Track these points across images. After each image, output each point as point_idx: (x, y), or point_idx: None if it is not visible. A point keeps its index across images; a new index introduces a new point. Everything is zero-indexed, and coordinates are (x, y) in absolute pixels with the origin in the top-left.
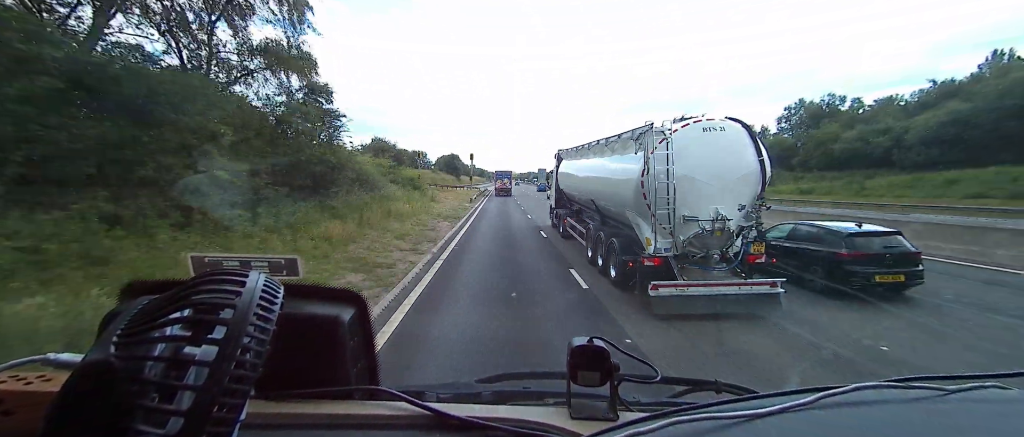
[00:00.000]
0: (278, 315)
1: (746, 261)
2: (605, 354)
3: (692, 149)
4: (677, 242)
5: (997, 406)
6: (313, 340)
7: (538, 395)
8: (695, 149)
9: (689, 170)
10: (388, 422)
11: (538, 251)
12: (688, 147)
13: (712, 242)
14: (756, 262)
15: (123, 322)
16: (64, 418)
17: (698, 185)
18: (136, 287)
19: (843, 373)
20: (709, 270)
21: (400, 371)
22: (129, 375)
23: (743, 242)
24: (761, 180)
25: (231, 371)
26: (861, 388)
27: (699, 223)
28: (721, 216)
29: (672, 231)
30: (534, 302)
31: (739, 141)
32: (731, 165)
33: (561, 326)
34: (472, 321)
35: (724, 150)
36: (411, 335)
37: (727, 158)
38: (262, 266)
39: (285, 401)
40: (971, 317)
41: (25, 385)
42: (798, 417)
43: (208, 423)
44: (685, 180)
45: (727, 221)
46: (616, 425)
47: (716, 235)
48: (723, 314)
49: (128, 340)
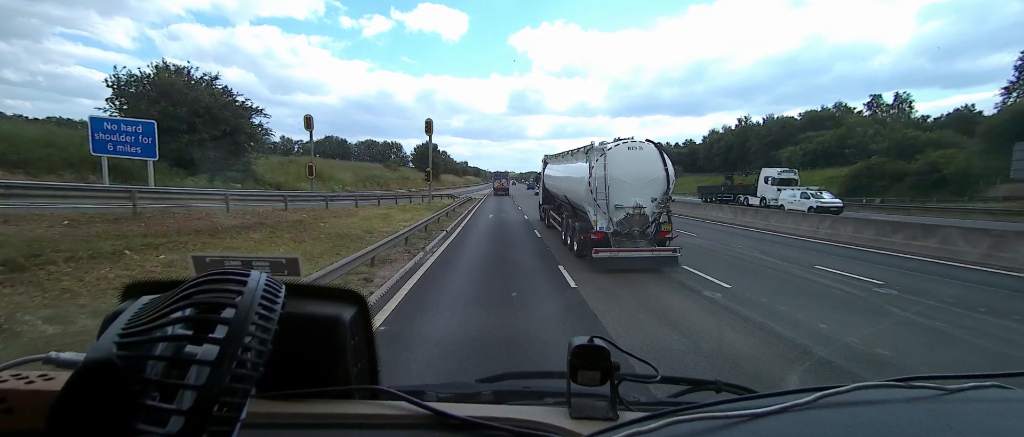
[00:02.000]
0: (279, 314)
1: (658, 235)
2: (605, 354)
3: (620, 161)
4: (612, 222)
5: (997, 406)
6: (314, 340)
7: (538, 395)
8: (623, 161)
9: (619, 174)
10: (388, 422)
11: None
12: (618, 159)
13: (635, 223)
14: (665, 236)
15: (125, 321)
16: (66, 417)
17: (625, 185)
18: (138, 287)
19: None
20: (634, 241)
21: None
22: (131, 374)
23: (656, 223)
24: (666, 182)
25: (232, 370)
26: (861, 388)
27: (626, 210)
28: (639, 205)
29: (609, 215)
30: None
31: (653, 155)
32: (646, 172)
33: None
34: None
35: (642, 162)
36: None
37: (644, 167)
38: (263, 266)
39: (285, 401)
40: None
41: (27, 384)
42: (798, 417)
43: (209, 422)
44: (616, 181)
45: (643, 209)
46: (616, 425)
47: (637, 218)
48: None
49: (130, 339)
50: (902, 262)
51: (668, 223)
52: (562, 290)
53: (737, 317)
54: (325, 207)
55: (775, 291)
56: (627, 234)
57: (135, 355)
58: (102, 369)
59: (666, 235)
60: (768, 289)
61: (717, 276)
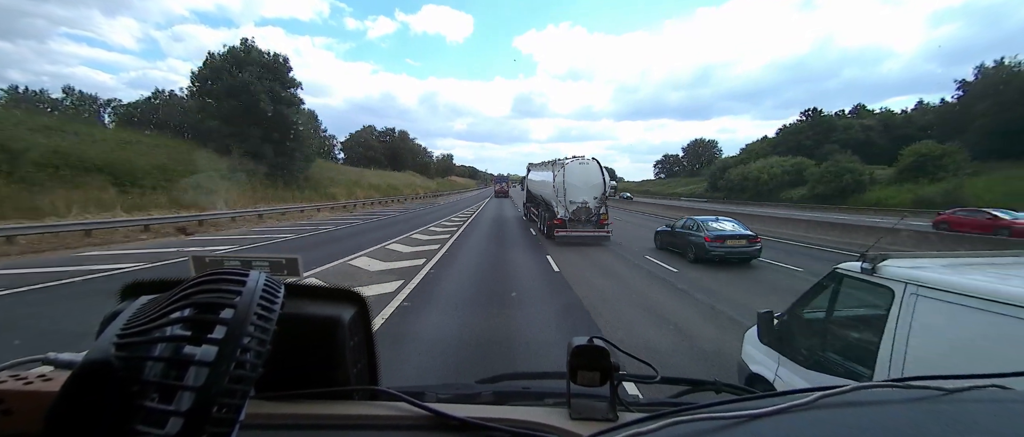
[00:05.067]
0: (278, 315)
1: (599, 222)
2: (605, 354)
3: (573, 172)
4: (568, 212)
5: (997, 406)
6: (313, 340)
7: (538, 395)
8: (575, 172)
9: (572, 181)
10: (388, 422)
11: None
12: (572, 171)
13: (583, 213)
14: (604, 223)
15: (123, 322)
16: (64, 418)
17: (576, 188)
18: (136, 287)
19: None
20: (583, 225)
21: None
22: (129, 375)
23: (597, 213)
24: (603, 187)
25: (231, 371)
26: (861, 388)
27: (576, 204)
28: (585, 202)
29: (566, 208)
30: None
31: (595, 169)
32: (591, 180)
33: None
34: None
35: (588, 172)
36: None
37: (589, 177)
38: (263, 265)
39: (285, 401)
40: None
41: (25, 385)
42: (798, 417)
43: (208, 423)
44: (570, 185)
45: (588, 204)
46: (616, 425)
47: (584, 210)
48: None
49: (128, 340)
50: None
51: (606, 214)
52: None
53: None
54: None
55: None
56: (577, 220)
57: (133, 356)
58: (100, 370)
59: (604, 222)
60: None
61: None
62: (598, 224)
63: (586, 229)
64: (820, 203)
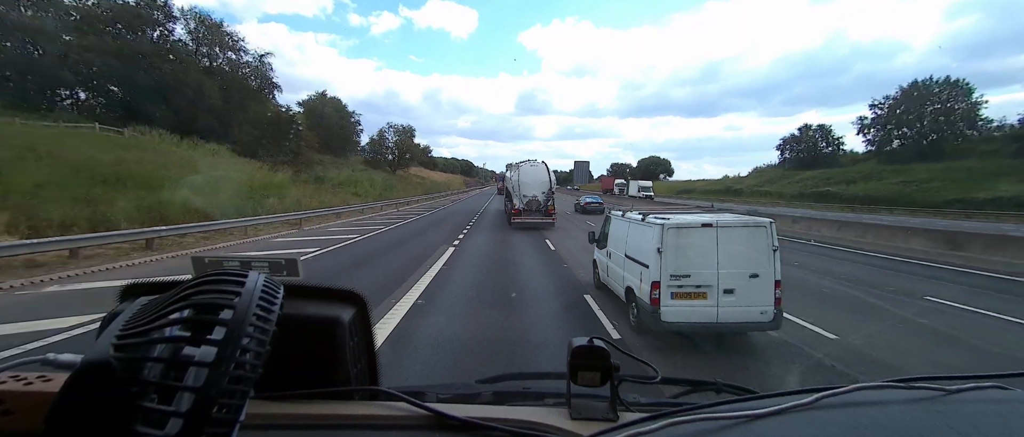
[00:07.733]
0: (278, 315)
1: (547, 212)
2: (605, 354)
3: (525, 171)
4: (522, 204)
5: (997, 406)
6: (313, 340)
7: (538, 395)
8: (527, 172)
9: (525, 179)
10: (388, 423)
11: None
12: (525, 170)
13: (533, 204)
14: (551, 213)
15: (123, 322)
16: (64, 418)
17: (528, 184)
18: (136, 287)
19: None
20: (533, 213)
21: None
22: (129, 376)
23: (545, 205)
24: (549, 184)
25: (230, 372)
26: (861, 388)
27: (528, 197)
28: (535, 195)
29: (520, 199)
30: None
31: (543, 169)
32: (539, 178)
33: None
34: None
35: (537, 172)
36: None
37: (538, 176)
38: (262, 266)
39: (285, 401)
40: None
41: (25, 385)
42: (798, 417)
43: (207, 424)
44: (523, 182)
45: (537, 197)
46: (616, 425)
47: (535, 201)
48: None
49: (128, 341)
50: None
51: (552, 205)
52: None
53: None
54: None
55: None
56: (529, 210)
57: (133, 357)
58: (100, 371)
59: (551, 213)
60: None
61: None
62: (546, 213)
63: (535, 217)
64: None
